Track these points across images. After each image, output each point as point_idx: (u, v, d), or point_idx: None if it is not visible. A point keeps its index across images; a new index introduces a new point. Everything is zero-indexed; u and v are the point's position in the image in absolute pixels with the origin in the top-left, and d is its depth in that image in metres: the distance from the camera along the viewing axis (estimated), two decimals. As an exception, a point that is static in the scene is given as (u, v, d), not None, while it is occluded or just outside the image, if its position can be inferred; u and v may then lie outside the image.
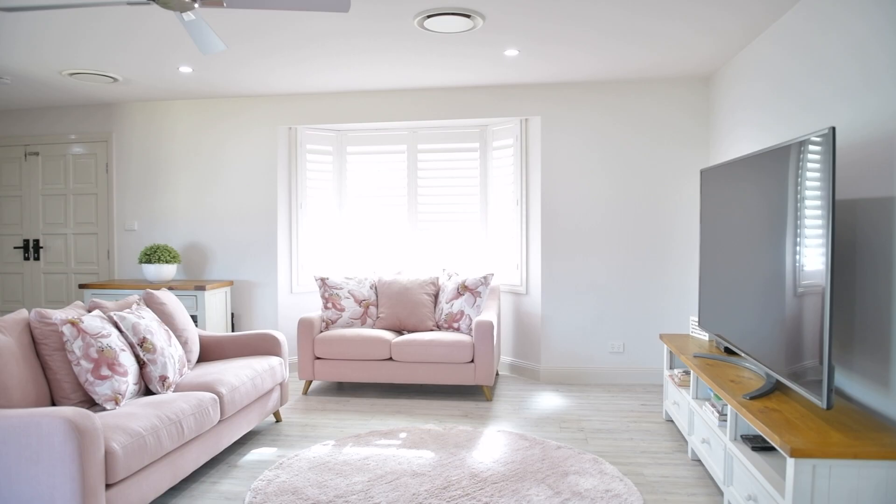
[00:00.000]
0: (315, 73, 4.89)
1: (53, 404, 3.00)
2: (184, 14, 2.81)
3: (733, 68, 4.45)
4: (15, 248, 6.16)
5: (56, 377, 2.99)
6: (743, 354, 3.20)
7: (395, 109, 5.50)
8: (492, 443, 3.76)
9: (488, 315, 4.82)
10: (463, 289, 4.97)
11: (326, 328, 5.09)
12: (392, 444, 3.75)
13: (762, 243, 2.96)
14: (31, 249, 6.13)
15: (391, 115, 5.50)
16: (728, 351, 3.71)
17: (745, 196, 3.21)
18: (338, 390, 5.07)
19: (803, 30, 3.34)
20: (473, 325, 4.69)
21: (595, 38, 4.05)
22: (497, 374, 5.52)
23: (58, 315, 3.07)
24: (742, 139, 4.30)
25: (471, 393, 4.96)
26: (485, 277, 4.97)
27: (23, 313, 3.06)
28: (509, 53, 4.36)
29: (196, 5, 2.72)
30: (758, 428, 2.44)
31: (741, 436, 2.83)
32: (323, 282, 5.18)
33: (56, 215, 6.08)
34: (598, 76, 5.00)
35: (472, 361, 4.65)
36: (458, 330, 4.94)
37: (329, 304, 5.13)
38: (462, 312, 4.93)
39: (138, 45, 4.16)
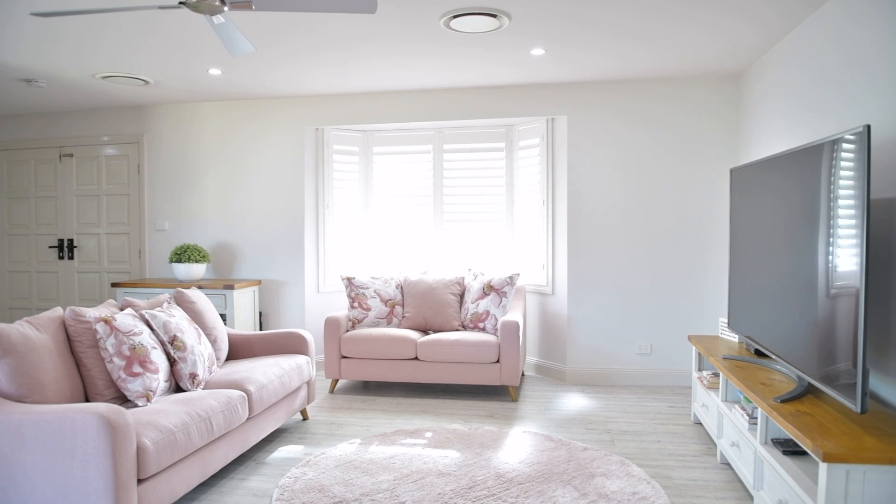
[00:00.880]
0: (342, 75, 4.92)
1: (87, 400, 3.06)
2: (213, 17, 2.85)
3: (764, 65, 4.37)
4: (50, 247, 6.31)
5: (90, 374, 3.05)
6: (774, 357, 3.15)
7: (421, 110, 5.51)
8: (517, 443, 3.75)
9: (514, 315, 4.81)
10: (489, 289, 4.97)
11: (353, 327, 5.12)
12: (418, 444, 3.76)
13: (794, 243, 2.91)
14: (66, 249, 6.27)
15: (417, 115, 5.52)
16: (758, 353, 3.65)
17: (777, 195, 3.16)
18: (364, 389, 5.10)
19: (840, 23, 3.27)
20: (499, 326, 4.68)
21: (622, 37, 4.01)
22: (523, 374, 5.50)
23: (92, 313, 3.14)
24: (774, 139, 4.23)
25: (496, 393, 4.95)
26: (510, 277, 4.96)
27: (58, 311, 3.14)
28: (535, 53, 4.34)
29: (225, 8, 2.76)
30: (789, 432, 2.39)
31: (772, 439, 2.79)
32: (349, 281, 5.22)
33: (90, 215, 6.21)
34: (625, 75, 4.96)
35: (498, 362, 4.64)
36: (483, 330, 4.94)
37: (355, 304, 5.16)
38: (488, 312, 4.92)
39: (169, 48, 4.23)
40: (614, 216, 5.19)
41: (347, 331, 5.06)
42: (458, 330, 5.03)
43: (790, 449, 2.66)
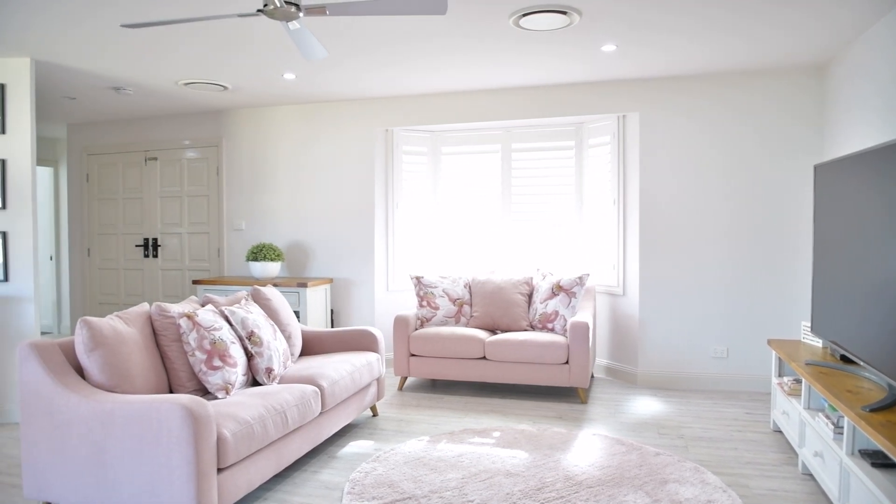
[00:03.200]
0: (411, 76, 4.98)
1: (171, 391, 3.21)
2: (289, 23, 2.94)
3: (852, 56, 4.15)
4: (136, 246, 6.66)
5: (173, 366, 3.20)
6: (862, 363, 2.99)
7: (489, 109, 5.51)
8: (587, 446, 3.70)
9: (583, 316, 4.74)
10: (557, 289, 4.91)
11: (421, 326, 5.18)
12: (486, 443, 3.76)
13: (885, 243, 2.75)
14: (151, 248, 6.60)
15: (485, 114, 5.52)
16: (844, 359, 3.47)
17: (866, 192, 2.99)
18: (432, 387, 5.14)
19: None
20: (568, 326, 4.62)
21: (698, 29, 3.90)
22: (592, 376, 5.42)
23: (175, 309, 3.29)
24: (862, 134, 4.01)
25: (565, 394, 4.89)
26: (580, 278, 4.89)
27: (144, 307, 3.31)
28: (606, 49, 4.27)
29: (300, 14, 2.84)
30: (879, 443, 2.26)
31: (859, 450, 2.65)
32: (418, 280, 5.27)
33: (172, 216, 6.52)
34: (700, 69, 4.81)
35: (567, 363, 4.59)
36: (552, 330, 4.89)
37: (424, 303, 5.21)
38: (556, 313, 4.87)
39: (246, 54, 4.39)
40: (688, 215, 5.04)
41: (416, 329, 5.11)
42: (526, 330, 5.00)
43: (880, 461, 2.52)
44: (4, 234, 4.37)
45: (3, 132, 4.37)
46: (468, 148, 5.93)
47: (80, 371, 2.90)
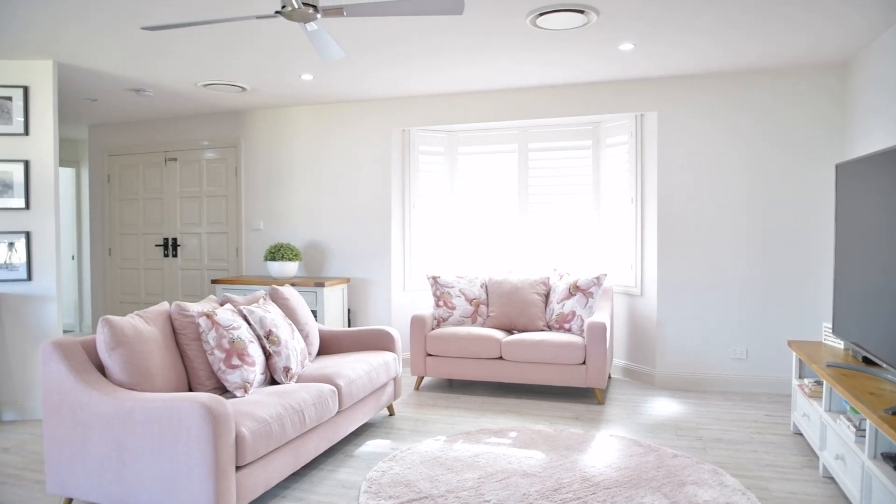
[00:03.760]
0: (428, 76, 4.99)
1: (190, 390, 3.25)
2: (307, 24, 2.96)
3: (869, 59, 4.09)
4: (156, 245, 6.73)
5: (193, 365, 3.23)
6: (885, 365, 2.94)
7: (506, 109, 5.50)
8: (604, 447, 3.68)
9: (601, 316, 4.72)
10: (574, 289, 4.90)
11: (438, 326, 5.18)
12: (502, 443, 3.76)
13: (908, 244, 2.71)
14: (170, 247, 6.67)
15: (502, 114, 5.51)
16: (866, 361, 3.42)
17: (890, 192, 2.95)
18: (448, 387, 5.15)
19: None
20: (585, 327, 4.60)
21: (716, 29, 3.86)
22: (609, 377, 5.39)
23: (194, 308, 3.32)
24: (881, 138, 3.94)
25: (581, 395, 4.88)
26: (597, 278, 4.87)
27: (164, 306, 3.34)
28: (624, 48, 4.25)
29: (318, 16, 2.85)
30: (902, 446, 2.23)
31: (882, 453, 2.61)
32: (435, 280, 5.28)
33: (192, 216, 6.58)
34: (719, 68, 4.76)
35: (584, 363, 4.57)
36: (569, 331, 4.87)
37: (440, 303, 5.21)
38: (573, 313, 4.85)
39: (264, 56, 4.42)
40: (707, 214, 5.00)
41: (433, 329, 5.12)
42: (542, 330, 4.99)
43: (903, 464, 2.48)
44: (28, 234, 4.44)
45: (27, 134, 4.44)
46: (485, 148, 5.92)
47: (102, 369, 2.94)
